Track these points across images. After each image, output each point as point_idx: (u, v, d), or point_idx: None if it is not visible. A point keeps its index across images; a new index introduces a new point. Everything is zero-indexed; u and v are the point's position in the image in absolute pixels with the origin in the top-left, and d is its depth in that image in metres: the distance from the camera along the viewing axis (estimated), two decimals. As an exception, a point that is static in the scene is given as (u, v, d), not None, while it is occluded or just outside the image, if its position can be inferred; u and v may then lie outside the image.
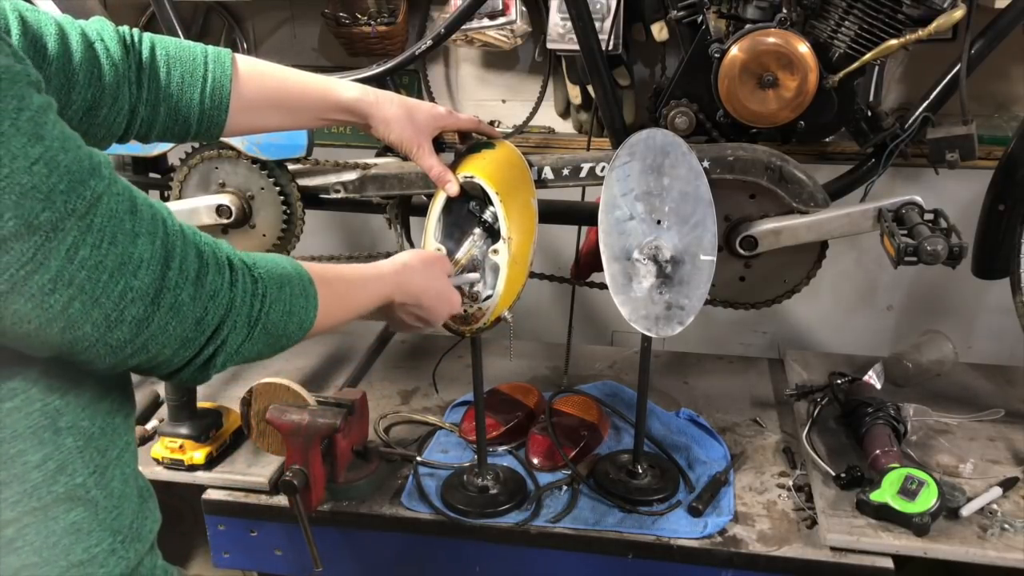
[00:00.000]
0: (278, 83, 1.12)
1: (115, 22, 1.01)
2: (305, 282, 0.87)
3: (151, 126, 1.02)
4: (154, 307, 0.71)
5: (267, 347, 0.84)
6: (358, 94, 1.16)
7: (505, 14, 1.85)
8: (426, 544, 1.41)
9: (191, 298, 0.73)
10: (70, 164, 0.66)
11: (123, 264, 0.69)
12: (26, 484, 0.74)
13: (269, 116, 1.14)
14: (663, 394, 1.75)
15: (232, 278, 0.77)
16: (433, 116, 1.21)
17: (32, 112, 0.64)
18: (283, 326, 0.84)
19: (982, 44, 1.42)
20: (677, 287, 1.24)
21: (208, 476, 1.47)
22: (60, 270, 0.65)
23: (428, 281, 1.08)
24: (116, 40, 0.97)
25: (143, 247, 0.70)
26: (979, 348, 2.12)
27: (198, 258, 0.75)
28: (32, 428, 0.73)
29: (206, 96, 1.04)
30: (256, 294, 0.80)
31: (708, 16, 1.42)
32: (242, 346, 0.80)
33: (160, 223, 0.73)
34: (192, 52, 1.04)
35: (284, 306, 0.83)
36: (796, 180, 1.43)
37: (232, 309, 0.77)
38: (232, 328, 0.78)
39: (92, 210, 0.67)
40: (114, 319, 0.69)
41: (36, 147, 0.64)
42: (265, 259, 0.84)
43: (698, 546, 1.31)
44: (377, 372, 1.88)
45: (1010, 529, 1.29)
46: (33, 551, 0.75)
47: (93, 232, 0.67)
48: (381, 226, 1.72)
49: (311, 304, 0.87)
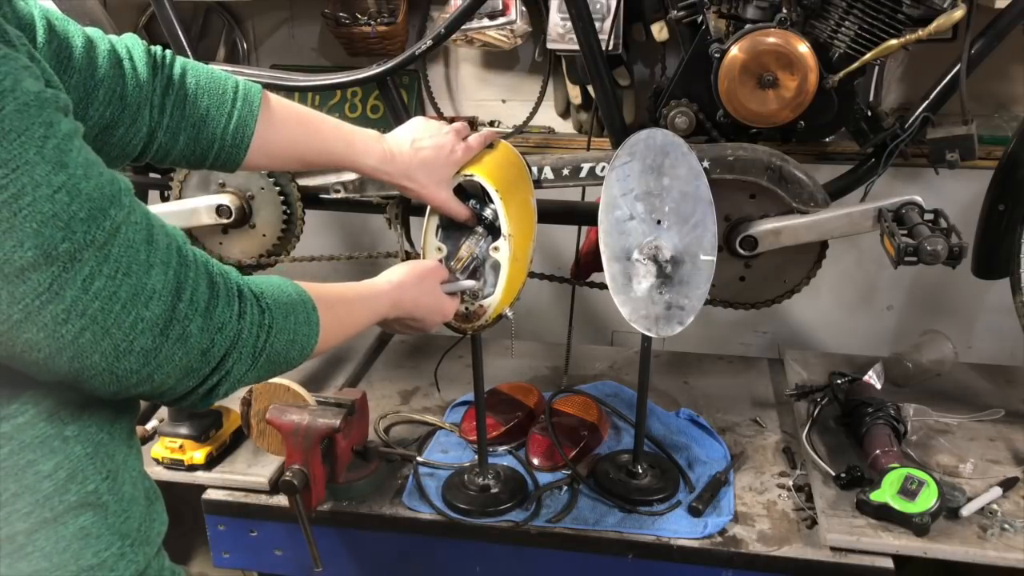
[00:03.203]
0: (303, 135, 1.10)
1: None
2: (309, 309, 0.87)
3: (168, 152, 1.00)
4: (163, 338, 0.71)
5: (269, 373, 0.84)
6: (376, 163, 1.14)
7: (505, 14, 1.85)
8: (426, 544, 1.41)
9: (199, 329, 0.73)
10: (91, 191, 0.66)
11: (136, 295, 0.69)
12: (38, 494, 0.73)
13: (286, 163, 1.14)
14: (663, 394, 1.75)
15: (241, 309, 0.77)
16: (452, 163, 1.18)
17: (58, 140, 0.64)
18: (286, 353, 0.84)
19: (982, 44, 1.42)
20: (677, 287, 1.24)
21: (208, 476, 1.47)
22: (75, 300, 0.65)
23: (421, 296, 1.10)
24: (145, 60, 0.95)
25: (156, 277, 0.70)
26: (979, 348, 2.12)
27: (209, 288, 0.75)
28: (40, 438, 0.73)
29: (228, 132, 1.02)
30: (263, 325, 0.80)
31: (708, 16, 1.42)
32: (246, 375, 0.80)
33: (174, 252, 0.73)
34: (223, 85, 1.02)
35: (288, 335, 0.83)
36: (796, 180, 1.43)
37: (239, 341, 0.77)
38: (237, 359, 0.78)
39: (111, 240, 0.67)
40: (123, 349, 0.69)
41: (60, 175, 0.64)
42: (272, 287, 0.84)
43: (698, 546, 1.31)
44: (377, 372, 1.88)
45: (1010, 529, 1.29)
46: (43, 556, 0.75)
47: (110, 262, 0.67)
48: (381, 226, 1.71)
49: (313, 331, 0.87)
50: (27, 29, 0.82)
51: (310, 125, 1.11)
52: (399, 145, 1.16)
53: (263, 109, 1.04)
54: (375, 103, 2.15)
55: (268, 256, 1.74)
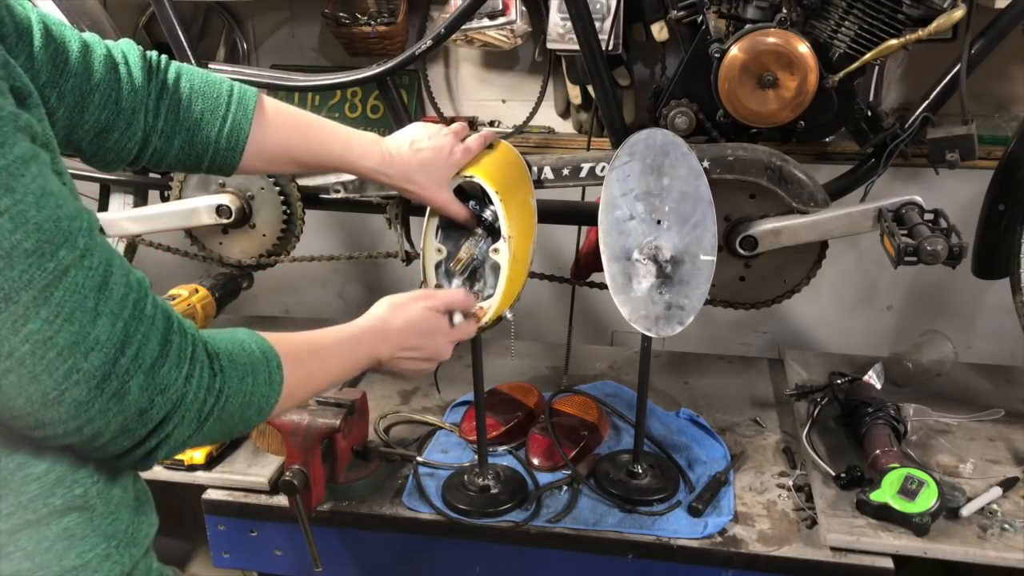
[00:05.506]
0: (299, 138, 1.10)
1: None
2: (272, 367, 0.83)
3: (163, 156, 1.00)
4: (98, 391, 0.66)
5: (221, 435, 0.80)
6: (375, 164, 1.14)
7: (505, 14, 1.85)
8: (426, 544, 1.41)
9: (140, 388, 0.69)
10: (42, 222, 0.62)
11: (75, 344, 0.64)
12: (22, 496, 0.72)
13: (283, 166, 1.13)
14: (663, 394, 1.75)
15: (189, 371, 0.73)
16: (451, 164, 1.18)
17: (7, 162, 0.61)
18: (239, 415, 0.80)
19: (982, 44, 1.42)
20: (677, 287, 1.24)
21: (208, 476, 1.47)
22: (1, 340, 0.61)
23: (409, 324, 1.04)
24: (141, 65, 0.95)
25: (102, 328, 0.66)
26: (979, 348, 2.12)
27: (160, 345, 0.71)
28: (32, 440, 0.71)
29: (223, 136, 1.02)
30: (212, 389, 0.75)
31: (708, 16, 1.42)
32: (190, 439, 0.76)
33: (130, 304, 0.69)
34: (217, 89, 1.02)
35: (244, 397, 0.79)
36: (796, 180, 1.43)
37: (182, 404, 0.72)
38: (179, 423, 0.73)
39: (54, 283, 0.63)
40: (52, 398, 0.65)
41: (3, 199, 0.60)
42: (233, 345, 0.80)
43: (698, 546, 1.31)
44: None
45: (1010, 529, 1.29)
46: (25, 556, 0.73)
47: (50, 306, 0.63)
48: (381, 226, 1.71)
49: (274, 391, 0.83)
50: (24, 34, 0.82)
51: (306, 128, 1.11)
52: (398, 147, 1.16)
53: (258, 113, 1.04)
54: (375, 103, 2.15)
55: (268, 256, 1.74)
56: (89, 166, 0.98)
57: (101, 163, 0.97)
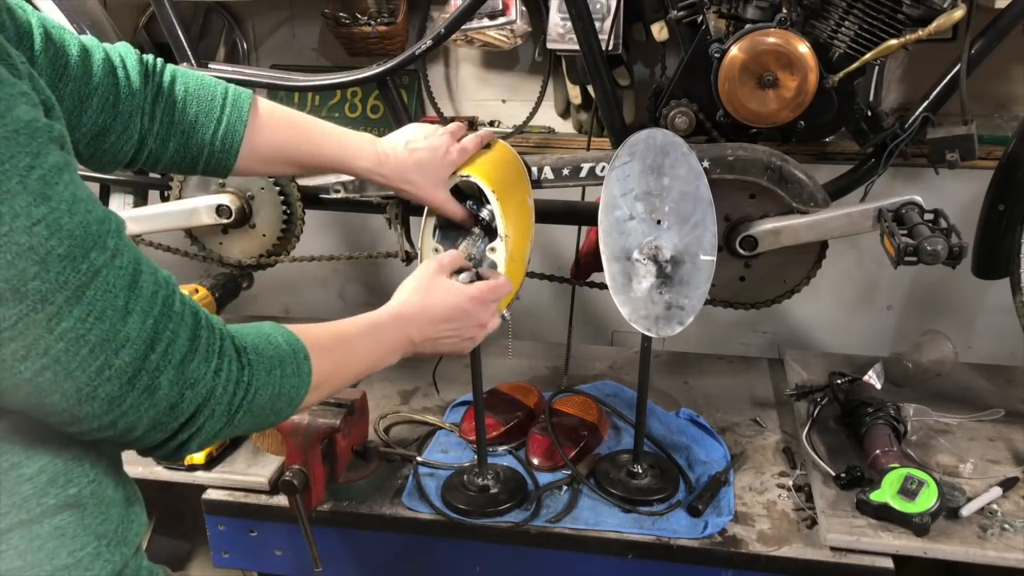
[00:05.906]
0: (293, 139, 1.10)
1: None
2: (300, 359, 0.84)
3: (159, 158, 1.01)
4: (129, 387, 0.69)
5: (252, 427, 0.82)
6: (371, 165, 1.14)
7: (505, 14, 1.85)
8: (426, 544, 1.41)
9: (170, 382, 0.71)
10: (74, 228, 0.64)
11: (107, 341, 0.66)
12: (15, 496, 0.72)
13: (279, 167, 1.13)
14: (663, 394, 1.75)
15: (218, 365, 0.74)
16: (447, 164, 1.18)
17: (44, 171, 0.63)
18: (270, 407, 0.81)
19: (982, 44, 1.42)
20: (677, 287, 1.24)
21: (208, 476, 1.47)
22: (37, 339, 0.63)
23: (429, 302, 1.03)
24: (138, 69, 0.96)
25: (132, 325, 0.68)
26: (979, 348, 2.12)
27: (189, 341, 0.72)
28: (29, 441, 0.72)
29: (218, 138, 1.02)
30: (240, 383, 0.77)
31: (708, 16, 1.42)
32: (220, 432, 0.77)
33: (159, 301, 0.70)
34: (212, 92, 1.02)
35: (273, 389, 0.80)
36: (796, 180, 1.43)
37: (212, 398, 0.74)
38: (210, 416, 0.75)
39: (86, 284, 0.65)
40: (86, 394, 0.67)
41: (41, 207, 0.62)
42: (260, 339, 0.81)
43: (698, 546, 1.31)
44: (377, 372, 1.86)
45: (1010, 529, 1.29)
46: (17, 555, 0.73)
47: (82, 304, 0.65)
48: (381, 226, 1.72)
49: (304, 382, 0.84)
50: (25, 38, 0.83)
51: (301, 129, 1.12)
52: (393, 148, 1.16)
53: (252, 115, 1.05)
54: (375, 103, 2.15)
55: (268, 256, 1.74)
56: (85, 167, 0.98)
57: (97, 165, 0.98)
